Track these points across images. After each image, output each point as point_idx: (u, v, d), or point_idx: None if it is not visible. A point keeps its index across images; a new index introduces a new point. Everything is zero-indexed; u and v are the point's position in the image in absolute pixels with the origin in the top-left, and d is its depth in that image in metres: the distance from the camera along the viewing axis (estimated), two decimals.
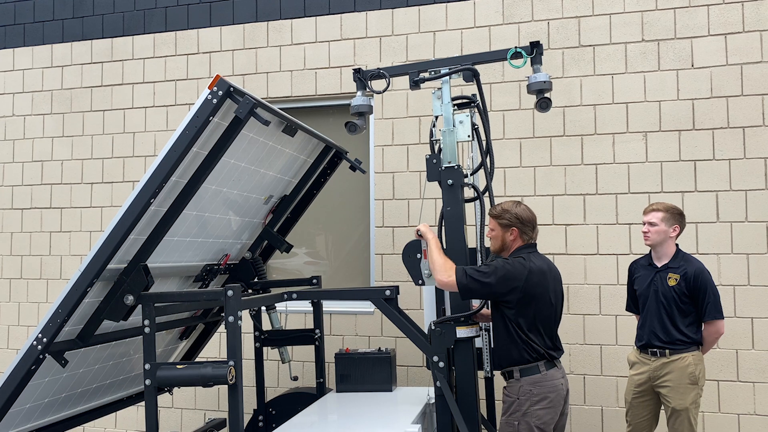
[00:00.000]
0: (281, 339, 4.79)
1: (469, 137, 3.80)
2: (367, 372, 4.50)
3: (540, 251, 3.74)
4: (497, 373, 4.01)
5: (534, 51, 3.82)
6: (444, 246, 3.73)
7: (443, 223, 3.76)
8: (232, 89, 3.25)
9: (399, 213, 5.52)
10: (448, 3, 5.48)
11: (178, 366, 3.39)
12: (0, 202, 6.49)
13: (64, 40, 6.46)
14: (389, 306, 3.84)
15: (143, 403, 4.84)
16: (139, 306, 3.52)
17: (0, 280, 6.42)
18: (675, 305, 3.92)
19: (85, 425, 5.87)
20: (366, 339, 5.53)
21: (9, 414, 3.41)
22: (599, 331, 5.05)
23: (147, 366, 3.40)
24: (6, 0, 6.65)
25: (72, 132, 6.36)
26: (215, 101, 3.22)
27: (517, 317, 3.41)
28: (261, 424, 4.82)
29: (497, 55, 3.92)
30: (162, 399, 5.81)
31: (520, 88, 5.29)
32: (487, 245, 3.91)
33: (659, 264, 4.05)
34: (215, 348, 5.87)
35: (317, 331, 4.75)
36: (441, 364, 3.63)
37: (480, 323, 3.93)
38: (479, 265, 3.48)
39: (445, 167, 3.72)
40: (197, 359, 5.23)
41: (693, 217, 4.87)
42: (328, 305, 5.54)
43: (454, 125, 3.77)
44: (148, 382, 3.40)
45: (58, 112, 6.42)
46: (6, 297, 6.39)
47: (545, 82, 3.79)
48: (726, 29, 4.93)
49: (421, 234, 3.64)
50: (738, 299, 4.80)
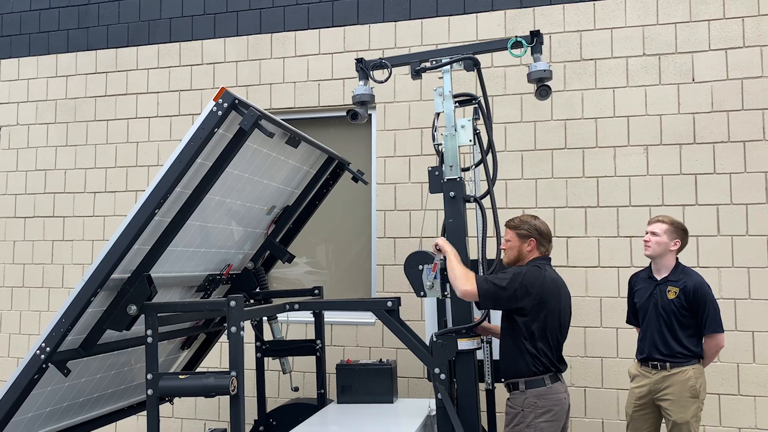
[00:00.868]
0: (282, 349, 4.79)
1: (471, 141, 3.83)
2: (368, 383, 4.50)
3: None
4: (499, 385, 4.01)
5: (534, 40, 3.87)
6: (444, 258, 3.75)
7: (445, 235, 3.78)
8: (237, 101, 3.28)
9: (400, 224, 5.54)
10: (450, 16, 5.52)
11: (180, 376, 3.39)
12: (3, 210, 6.51)
13: (69, 50, 6.51)
14: (391, 317, 3.85)
15: (144, 413, 4.84)
16: (142, 316, 3.54)
17: (2, 288, 6.44)
18: (675, 318, 3.92)
19: None
20: (367, 350, 5.53)
21: (11, 423, 3.42)
22: (600, 344, 5.05)
23: (149, 376, 3.41)
24: (12, 10, 6.70)
25: (75, 141, 6.39)
26: (220, 113, 3.25)
27: (529, 325, 3.43)
28: None
29: (498, 45, 3.96)
30: (162, 409, 5.80)
31: (521, 101, 5.32)
32: (490, 257, 3.92)
33: (659, 277, 4.06)
34: (216, 357, 5.87)
35: (318, 342, 4.75)
36: (442, 376, 3.63)
37: (481, 335, 3.94)
38: (497, 274, 3.50)
39: (448, 179, 3.74)
40: (198, 369, 5.23)
41: (694, 231, 4.88)
42: (329, 316, 5.54)
43: (455, 129, 3.80)
44: (150, 392, 3.41)
45: (62, 121, 6.46)
46: (8, 305, 6.40)
47: (545, 71, 3.84)
48: (726, 44, 4.96)
49: (440, 248, 3.62)
50: (739, 313, 4.81)
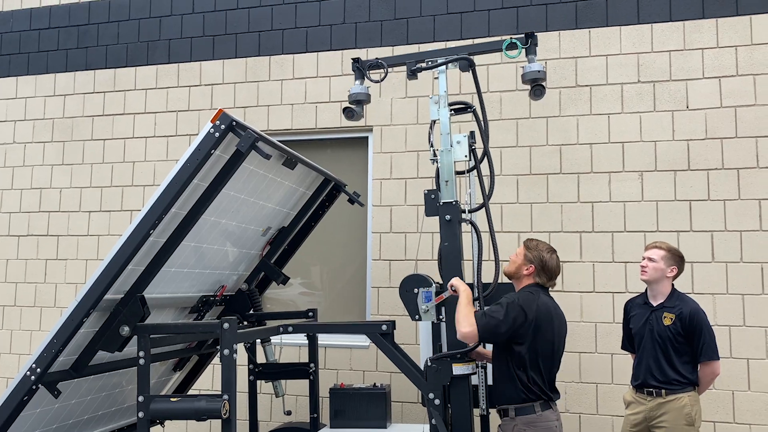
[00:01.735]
0: (275, 372, 4.76)
1: (466, 157, 3.86)
2: (362, 408, 4.47)
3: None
4: (494, 411, 3.97)
5: (529, 41, 3.95)
6: (441, 281, 3.74)
7: (441, 259, 3.77)
8: (234, 123, 3.29)
9: (396, 246, 5.53)
10: (447, 41, 5.58)
11: (171, 399, 3.36)
12: None
13: (67, 69, 6.53)
14: (385, 341, 3.83)
15: None
16: (134, 337, 3.51)
17: None
18: (670, 345, 3.91)
19: None
20: (361, 373, 5.49)
21: None
22: (595, 370, 5.03)
23: (141, 398, 3.37)
24: (11, 29, 6.74)
25: (72, 160, 6.39)
26: (217, 135, 3.26)
27: (522, 352, 3.41)
28: None
29: (493, 46, 4.03)
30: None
31: (517, 125, 5.36)
32: (486, 281, 3.91)
33: (655, 303, 4.05)
34: (208, 379, 5.81)
35: (312, 365, 4.72)
36: (437, 401, 3.61)
37: (476, 360, 3.92)
38: (491, 306, 3.48)
39: (444, 203, 3.75)
40: (190, 391, 5.17)
41: (689, 257, 4.89)
42: (323, 338, 5.51)
43: (451, 145, 3.82)
44: (141, 414, 3.37)
45: (58, 140, 6.46)
46: None
47: (539, 71, 3.91)
48: (720, 72, 5.02)
49: (455, 288, 3.59)
50: (734, 340, 4.80)
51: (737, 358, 4.78)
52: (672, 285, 4.07)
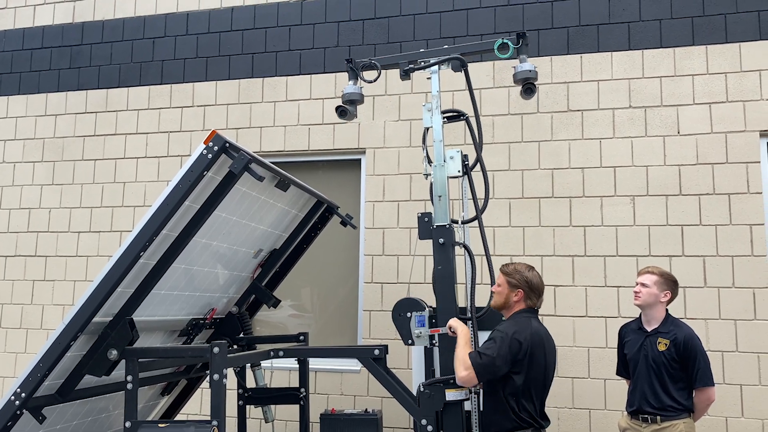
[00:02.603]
0: (265, 397, 4.68)
1: (459, 172, 3.87)
2: None
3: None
4: None
5: (520, 41, 4.00)
6: (435, 305, 3.71)
7: (434, 282, 3.74)
8: (227, 145, 3.27)
9: (388, 269, 5.50)
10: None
11: (159, 425, 3.29)
12: None
13: (59, 89, 6.51)
14: (377, 366, 3.78)
15: None
16: (122, 361, 3.44)
17: None
18: (665, 370, 3.88)
19: None
20: (352, 398, 5.42)
21: None
22: (588, 395, 4.99)
23: (128, 424, 3.30)
24: (4, 49, 6.72)
25: (62, 180, 6.34)
26: (210, 156, 3.24)
27: (514, 380, 3.35)
28: None
29: (485, 46, 4.08)
30: None
31: (509, 149, 5.37)
32: (480, 305, 3.88)
33: (649, 328, 4.03)
34: (196, 404, 5.72)
35: (302, 390, 4.65)
36: (429, 427, 3.55)
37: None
38: (485, 343, 3.43)
39: (437, 226, 3.73)
40: (178, 416, 5.08)
41: (681, 282, 4.89)
42: (313, 362, 5.44)
43: (444, 160, 3.84)
44: None
45: (48, 160, 6.42)
46: None
47: (530, 71, 3.97)
48: (710, 98, 5.07)
49: (454, 330, 3.52)
50: (727, 365, 4.79)
51: (730, 384, 4.76)
52: (666, 310, 4.06)
